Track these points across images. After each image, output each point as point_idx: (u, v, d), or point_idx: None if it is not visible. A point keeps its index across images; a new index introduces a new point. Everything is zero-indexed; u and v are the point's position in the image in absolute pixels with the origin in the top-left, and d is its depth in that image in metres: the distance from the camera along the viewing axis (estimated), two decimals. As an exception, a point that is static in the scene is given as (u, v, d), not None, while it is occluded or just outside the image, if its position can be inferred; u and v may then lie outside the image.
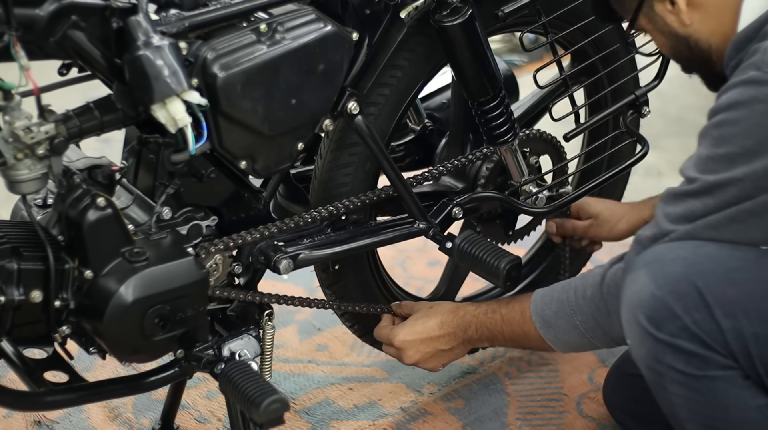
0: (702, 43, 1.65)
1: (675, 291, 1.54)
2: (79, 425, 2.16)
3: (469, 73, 1.90)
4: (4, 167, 1.51)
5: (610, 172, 2.20)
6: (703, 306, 1.53)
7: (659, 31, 1.69)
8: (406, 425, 2.16)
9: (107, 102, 1.60)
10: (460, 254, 1.93)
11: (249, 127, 1.67)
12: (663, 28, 1.67)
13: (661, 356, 1.56)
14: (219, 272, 1.75)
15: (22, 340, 1.67)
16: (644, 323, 1.56)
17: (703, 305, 1.53)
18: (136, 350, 1.66)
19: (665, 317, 1.55)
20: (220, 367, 1.72)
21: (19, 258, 1.55)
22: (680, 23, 1.64)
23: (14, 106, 1.49)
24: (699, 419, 1.60)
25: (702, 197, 1.57)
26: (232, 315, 1.83)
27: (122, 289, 1.58)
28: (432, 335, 1.92)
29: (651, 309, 1.56)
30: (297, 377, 2.31)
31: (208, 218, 1.74)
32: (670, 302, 1.54)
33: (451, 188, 2.07)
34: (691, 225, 1.59)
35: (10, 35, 1.44)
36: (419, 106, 2.17)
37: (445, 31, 1.84)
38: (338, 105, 1.79)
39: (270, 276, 1.86)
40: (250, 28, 1.65)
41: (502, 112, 1.93)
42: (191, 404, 2.21)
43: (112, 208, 1.59)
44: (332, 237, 1.89)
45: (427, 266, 2.63)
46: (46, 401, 1.71)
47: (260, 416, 1.62)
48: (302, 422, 2.17)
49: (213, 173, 1.73)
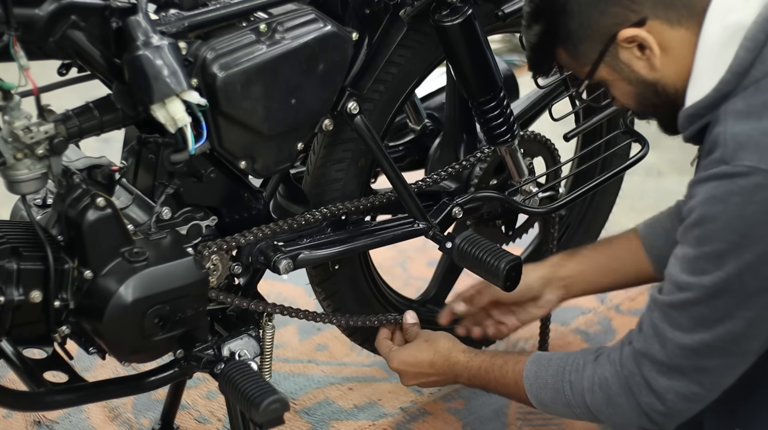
0: (669, 88, 1.60)
1: None
2: (79, 425, 2.16)
3: (469, 73, 1.90)
4: (4, 167, 1.51)
5: (610, 173, 2.20)
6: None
7: (624, 79, 1.63)
8: (406, 425, 2.16)
9: (107, 102, 1.59)
10: (459, 254, 1.93)
11: (248, 127, 1.67)
12: (629, 75, 1.61)
13: None
14: (219, 272, 1.75)
15: (21, 340, 1.67)
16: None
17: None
18: (135, 350, 1.66)
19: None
20: (219, 367, 1.72)
21: (19, 258, 1.55)
22: (650, 69, 1.59)
23: (14, 106, 1.49)
24: None
25: (709, 302, 1.53)
26: (232, 315, 1.83)
27: (122, 289, 1.58)
28: (422, 371, 1.92)
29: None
30: (297, 377, 2.31)
31: (207, 218, 1.74)
32: None
33: (444, 188, 2.07)
34: (710, 333, 1.54)
35: (10, 35, 1.44)
36: (419, 106, 2.17)
37: (445, 30, 1.84)
38: (338, 105, 1.79)
39: (270, 276, 1.86)
40: (249, 28, 1.65)
41: (501, 112, 1.93)
42: (191, 404, 2.21)
43: (112, 208, 1.59)
44: (332, 237, 1.89)
45: (427, 266, 2.63)
46: (45, 401, 1.72)
47: (260, 416, 1.62)
48: (302, 422, 2.17)
49: (213, 173, 1.72)
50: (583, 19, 1.59)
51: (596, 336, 2.43)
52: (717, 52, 1.53)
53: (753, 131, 1.48)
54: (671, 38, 1.56)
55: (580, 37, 1.61)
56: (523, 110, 2.16)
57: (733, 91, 1.52)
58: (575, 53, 1.64)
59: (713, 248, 1.50)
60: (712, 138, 1.52)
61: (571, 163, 2.26)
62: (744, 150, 1.47)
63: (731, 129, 1.49)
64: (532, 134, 2.14)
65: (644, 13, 1.55)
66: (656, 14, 1.55)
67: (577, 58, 1.65)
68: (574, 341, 2.39)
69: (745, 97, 1.51)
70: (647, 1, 1.55)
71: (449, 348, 1.89)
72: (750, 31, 1.51)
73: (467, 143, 2.07)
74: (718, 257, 1.50)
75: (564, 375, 1.72)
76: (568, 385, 1.71)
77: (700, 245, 1.52)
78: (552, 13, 1.61)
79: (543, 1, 1.62)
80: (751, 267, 1.48)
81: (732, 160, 1.47)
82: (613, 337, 2.43)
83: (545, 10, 1.62)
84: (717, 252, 1.50)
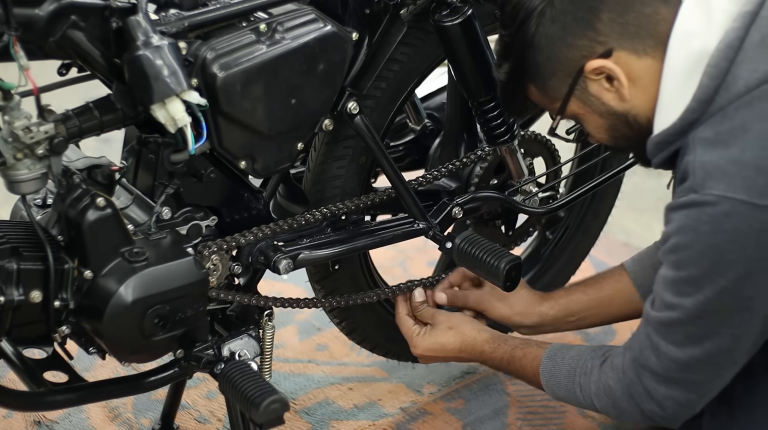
0: (640, 118, 1.61)
1: None
2: (79, 425, 2.16)
3: (469, 73, 1.90)
4: (4, 167, 1.51)
5: (610, 173, 2.20)
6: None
7: (595, 112, 1.64)
8: (406, 425, 2.16)
9: (107, 102, 1.60)
10: (459, 254, 1.93)
11: (248, 127, 1.67)
12: (600, 108, 1.62)
13: None
14: (219, 271, 1.75)
15: (21, 340, 1.67)
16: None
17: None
18: (135, 350, 1.66)
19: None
20: (219, 367, 1.72)
21: (19, 258, 1.55)
22: (619, 100, 1.60)
23: (14, 106, 1.49)
24: None
25: (694, 322, 1.57)
26: (232, 315, 1.83)
27: (122, 289, 1.58)
28: (449, 355, 1.96)
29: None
30: (297, 377, 2.31)
31: (207, 217, 1.74)
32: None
33: (443, 188, 2.07)
34: (699, 348, 1.58)
35: (10, 35, 1.44)
36: (419, 106, 2.17)
37: (445, 30, 1.84)
38: (338, 105, 1.79)
39: (270, 276, 1.86)
40: (249, 28, 1.65)
41: (501, 112, 1.93)
42: (191, 404, 2.21)
43: (112, 208, 1.59)
44: (332, 237, 1.89)
45: (427, 266, 2.62)
46: (45, 401, 1.72)
47: (260, 416, 1.62)
48: (302, 422, 2.17)
49: (212, 173, 1.72)
50: (551, 53, 1.60)
51: (596, 336, 2.43)
52: (682, 80, 1.54)
53: (720, 160, 1.50)
54: (638, 68, 1.57)
55: (549, 71, 1.62)
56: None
57: (699, 118, 1.53)
58: (545, 89, 1.65)
59: (689, 273, 1.54)
60: (683, 166, 1.54)
61: (571, 163, 2.26)
62: (712, 179, 1.49)
63: (700, 157, 1.51)
64: (532, 134, 2.14)
65: (610, 44, 1.56)
66: (622, 45, 1.56)
67: (548, 94, 1.66)
68: (573, 341, 2.39)
69: (712, 124, 1.52)
70: (613, 33, 1.56)
71: (475, 337, 1.93)
72: (713, 58, 1.51)
73: (467, 143, 2.07)
74: (696, 282, 1.54)
75: (575, 377, 1.78)
76: (578, 387, 1.77)
77: (678, 269, 1.56)
78: (521, 48, 1.62)
79: (511, 36, 1.63)
80: (728, 290, 1.52)
81: (701, 189, 1.50)
82: (613, 337, 2.43)
83: (513, 46, 1.64)
84: (693, 278, 1.54)
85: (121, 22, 1.54)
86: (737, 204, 1.47)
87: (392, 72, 1.87)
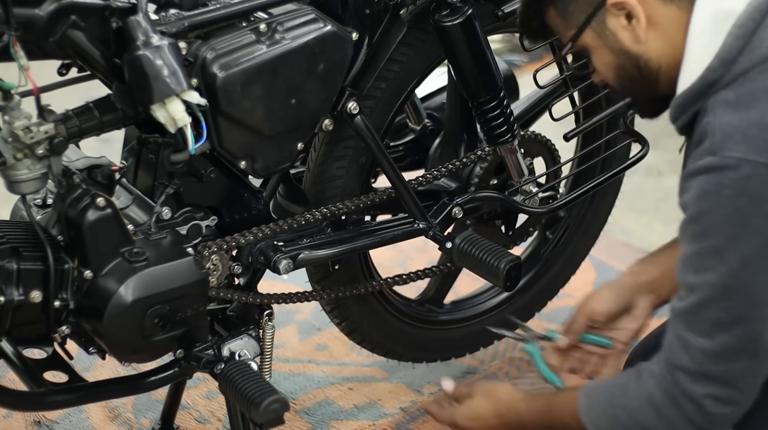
0: (652, 63, 1.58)
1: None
2: (79, 425, 2.16)
3: (469, 73, 1.90)
4: (4, 167, 1.51)
5: (610, 173, 2.20)
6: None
7: (607, 47, 1.61)
8: (406, 425, 2.17)
9: (107, 102, 1.60)
10: (459, 254, 1.93)
11: (248, 127, 1.67)
12: (613, 44, 1.59)
13: None
14: (219, 271, 1.75)
15: (21, 340, 1.67)
16: None
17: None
18: (135, 350, 1.66)
19: None
20: (219, 367, 1.72)
21: (19, 258, 1.55)
22: (634, 40, 1.57)
23: (14, 106, 1.49)
24: None
25: (721, 304, 1.51)
26: (232, 315, 1.83)
27: (122, 289, 1.58)
28: (490, 424, 1.84)
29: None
30: (297, 377, 2.31)
31: (207, 217, 1.74)
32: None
33: (443, 188, 2.07)
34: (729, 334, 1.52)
35: (10, 35, 1.44)
36: (419, 106, 2.17)
37: (445, 30, 1.84)
38: (338, 105, 1.79)
39: (270, 276, 1.86)
40: (249, 28, 1.65)
41: (502, 112, 1.93)
42: (191, 404, 2.21)
43: (112, 208, 1.59)
44: (332, 237, 1.89)
45: (427, 266, 2.62)
46: (46, 401, 1.72)
47: (260, 416, 1.62)
48: (302, 422, 2.17)
49: (212, 173, 1.72)
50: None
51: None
52: (706, 39, 1.52)
53: (741, 122, 1.47)
54: (662, 14, 1.55)
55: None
56: (523, 110, 2.16)
57: (720, 79, 1.51)
58: (564, 12, 1.62)
59: (711, 242, 1.49)
60: (701, 128, 1.51)
61: (571, 163, 2.26)
62: (731, 140, 1.46)
63: (719, 119, 1.48)
64: (533, 134, 2.14)
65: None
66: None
67: (565, 19, 1.63)
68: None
69: (734, 88, 1.49)
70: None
71: (510, 399, 1.85)
72: (740, 19, 1.49)
73: (467, 143, 2.07)
74: (718, 252, 1.49)
75: (613, 400, 1.69)
76: (620, 409, 1.67)
77: (699, 240, 1.51)
78: None
79: None
80: (752, 261, 1.47)
81: (719, 152, 1.46)
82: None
83: None
84: (716, 247, 1.49)
85: (121, 22, 1.54)
86: (759, 167, 1.44)
87: (392, 72, 1.88)
